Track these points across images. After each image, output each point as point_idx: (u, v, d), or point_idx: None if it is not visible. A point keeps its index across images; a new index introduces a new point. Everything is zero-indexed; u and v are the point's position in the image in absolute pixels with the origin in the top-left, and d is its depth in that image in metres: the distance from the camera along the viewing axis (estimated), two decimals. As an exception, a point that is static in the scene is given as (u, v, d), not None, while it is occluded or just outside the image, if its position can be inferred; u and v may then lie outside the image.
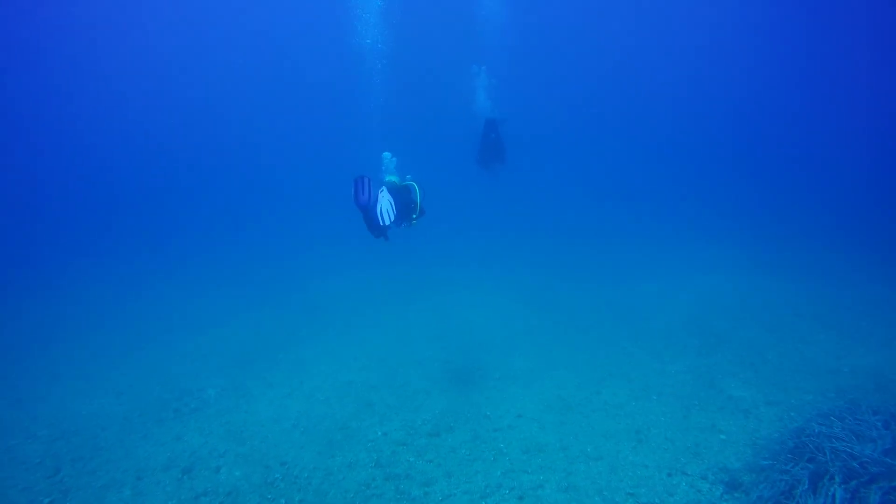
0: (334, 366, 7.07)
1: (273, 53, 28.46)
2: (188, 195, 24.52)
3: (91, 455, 5.05)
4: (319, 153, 28.66)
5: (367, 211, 5.45)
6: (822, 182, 17.61)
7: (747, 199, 16.87)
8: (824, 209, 14.23)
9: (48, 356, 7.97)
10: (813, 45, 24.46)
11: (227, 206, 22.73)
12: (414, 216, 6.11)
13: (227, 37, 27.14)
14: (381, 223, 5.55)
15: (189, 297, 10.99)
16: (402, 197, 6.01)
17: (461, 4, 18.43)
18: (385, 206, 5.56)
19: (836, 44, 23.47)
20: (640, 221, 15.50)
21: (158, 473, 4.71)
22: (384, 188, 5.73)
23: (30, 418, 5.89)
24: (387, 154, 8.56)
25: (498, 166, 10.09)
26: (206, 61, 28.20)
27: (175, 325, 9.23)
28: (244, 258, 14.37)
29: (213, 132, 29.55)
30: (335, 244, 14.84)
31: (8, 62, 24.25)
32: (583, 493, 4.06)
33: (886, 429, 3.71)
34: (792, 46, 25.09)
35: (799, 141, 23.27)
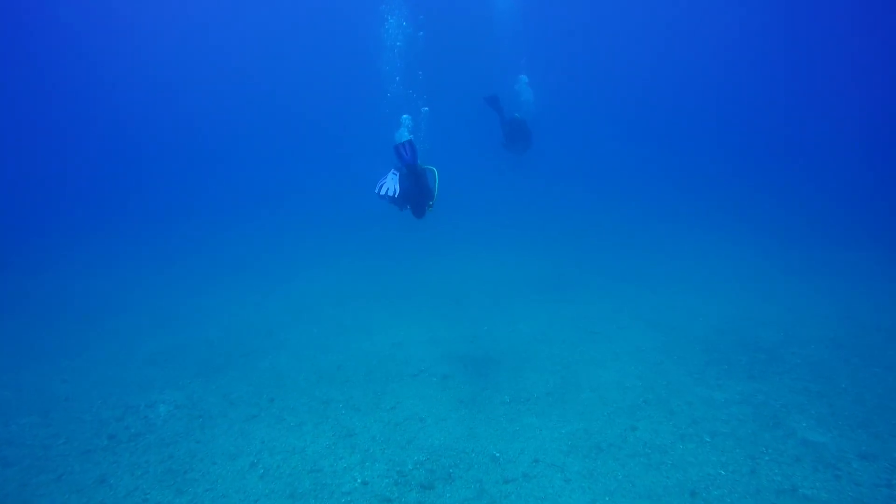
0: (312, 378, 5.95)
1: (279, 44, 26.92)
2: (182, 183, 23.11)
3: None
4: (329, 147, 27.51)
5: (415, 174, 5.61)
6: (881, 174, 15.91)
7: (792, 192, 15.33)
8: (884, 202, 12.70)
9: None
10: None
11: (220, 196, 21.28)
12: (431, 202, 5.90)
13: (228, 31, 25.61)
14: (378, 193, 5.67)
15: (166, 290, 9.89)
16: (420, 181, 5.92)
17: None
18: (390, 185, 5.68)
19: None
20: (664, 219, 14.17)
21: (68, 534, 3.62)
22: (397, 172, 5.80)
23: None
24: (406, 117, 8.57)
25: (523, 150, 9.30)
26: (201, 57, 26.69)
27: (143, 322, 8.12)
28: (235, 253, 13.16)
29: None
30: (326, 232, 13.68)
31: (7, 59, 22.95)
32: None
33: None
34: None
35: (849, 134, 21.38)
